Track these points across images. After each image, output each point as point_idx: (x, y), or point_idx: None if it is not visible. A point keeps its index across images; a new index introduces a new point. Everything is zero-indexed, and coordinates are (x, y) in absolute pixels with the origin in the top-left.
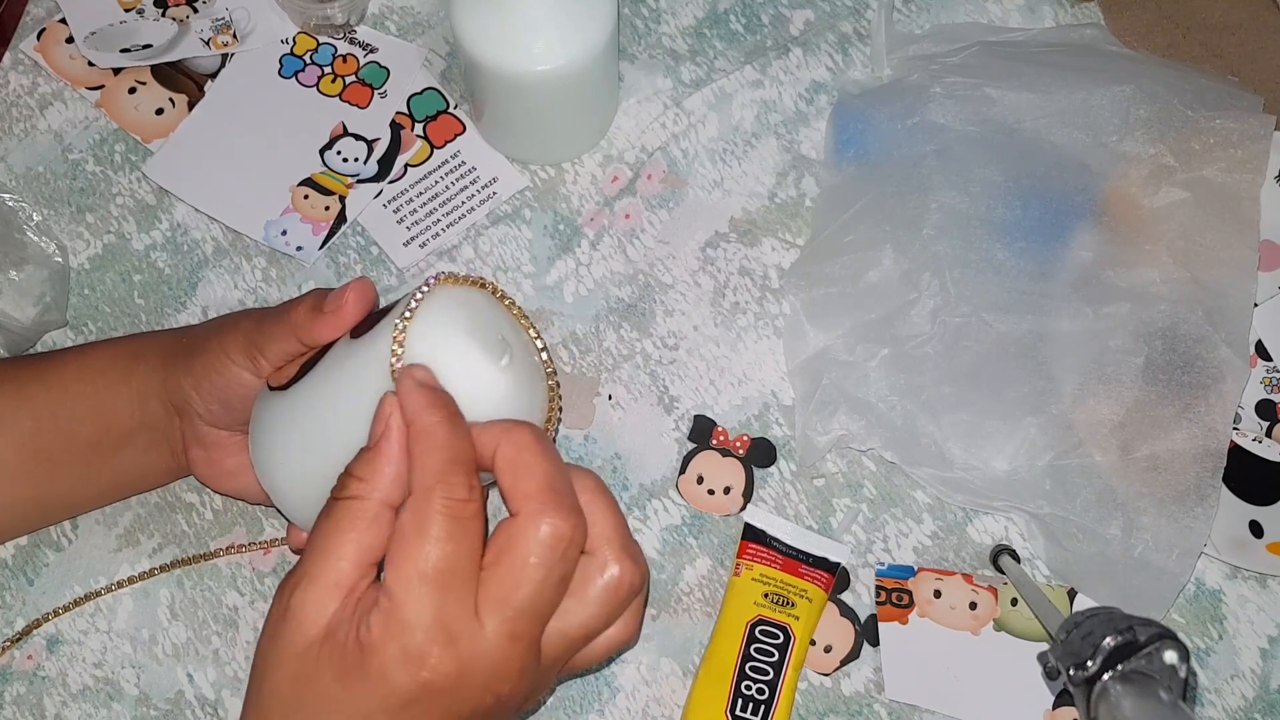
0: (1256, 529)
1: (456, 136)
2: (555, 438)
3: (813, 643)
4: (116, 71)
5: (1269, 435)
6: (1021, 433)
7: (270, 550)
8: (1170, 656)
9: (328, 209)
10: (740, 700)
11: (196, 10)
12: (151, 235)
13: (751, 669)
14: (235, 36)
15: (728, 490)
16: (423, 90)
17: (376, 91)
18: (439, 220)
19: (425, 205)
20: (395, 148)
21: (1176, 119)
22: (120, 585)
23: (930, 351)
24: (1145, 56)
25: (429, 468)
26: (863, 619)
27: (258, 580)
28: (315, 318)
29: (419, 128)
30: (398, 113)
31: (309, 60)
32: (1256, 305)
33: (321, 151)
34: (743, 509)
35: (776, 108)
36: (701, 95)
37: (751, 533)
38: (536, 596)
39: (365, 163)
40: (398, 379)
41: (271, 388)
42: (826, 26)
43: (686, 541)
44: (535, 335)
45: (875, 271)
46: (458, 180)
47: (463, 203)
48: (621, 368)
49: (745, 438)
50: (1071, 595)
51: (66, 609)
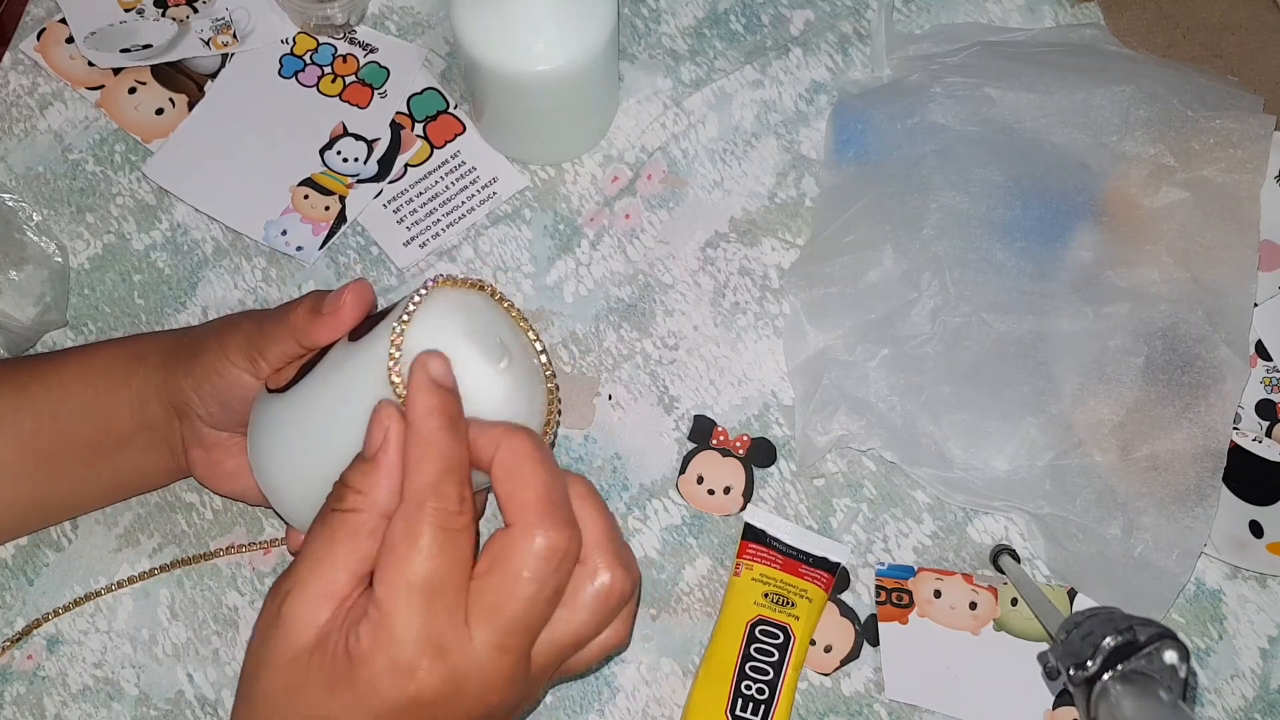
0: (1256, 529)
1: (456, 136)
2: (554, 441)
3: (813, 643)
4: (116, 71)
5: (1269, 435)
6: (1021, 433)
7: (270, 550)
8: (1170, 656)
9: (328, 209)
10: (740, 700)
11: (196, 10)
12: (151, 235)
13: (751, 669)
14: (235, 36)
15: (728, 490)
16: (423, 90)
17: (376, 91)
18: (439, 220)
19: (425, 205)
20: (395, 148)
21: (1176, 119)
22: (120, 585)
23: (930, 351)
24: (1145, 56)
25: (423, 477)
26: (863, 619)
27: (258, 580)
28: (313, 320)
29: (419, 128)
30: (398, 113)
31: (309, 60)
32: (1256, 305)
33: (321, 151)
34: (743, 509)
35: (776, 108)
36: (701, 95)
37: (751, 533)
38: (529, 609)
39: (365, 163)
40: (413, 368)
41: (270, 390)
42: (826, 26)
43: (686, 541)
44: (534, 338)
45: (875, 271)
46: (458, 180)
47: (463, 203)
48: (621, 368)
49: (745, 438)
50: (1071, 595)
51: (66, 609)
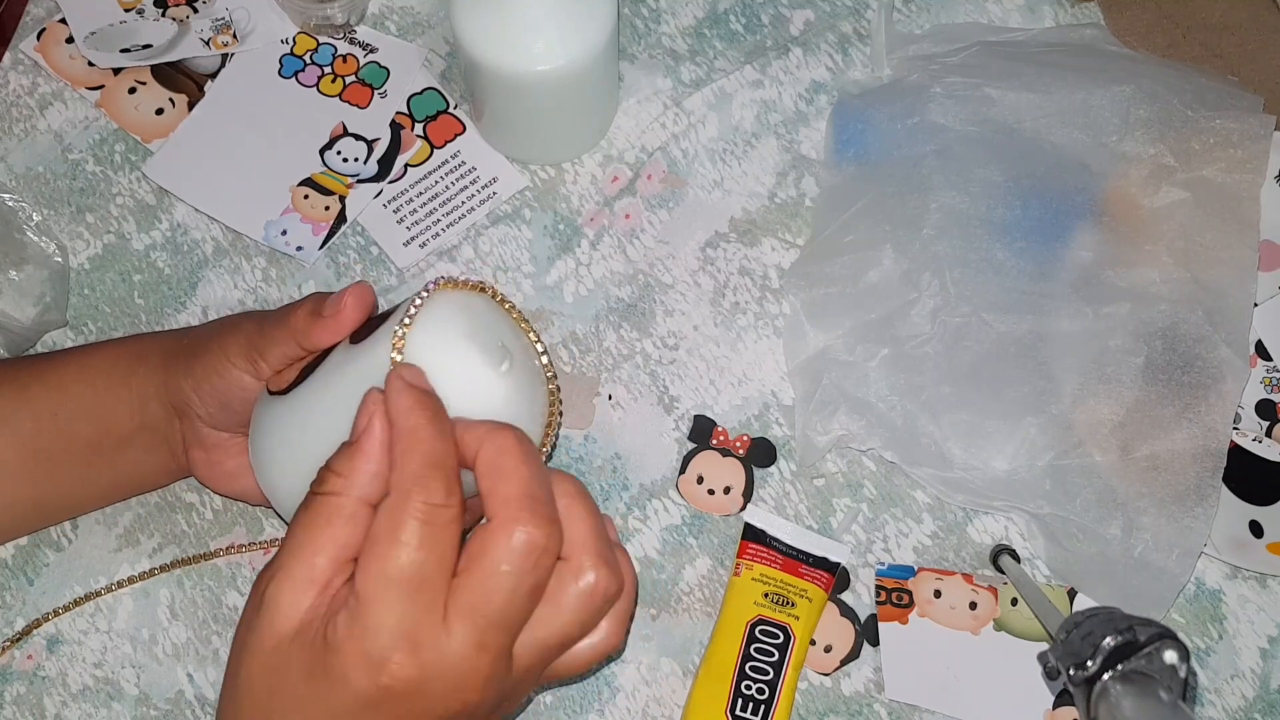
0: (1256, 529)
1: (456, 136)
2: (556, 443)
3: (813, 642)
4: (116, 71)
5: (1269, 435)
6: (1021, 433)
7: (270, 550)
8: (1170, 656)
9: (328, 209)
10: (740, 700)
11: (196, 10)
12: (151, 235)
13: (751, 669)
14: (235, 36)
15: (728, 490)
16: (423, 90)
17: (376, 91)
18: (439, 220)
19: (425, 205)
20: (395, 148)
21: (1176, 119)
22: (120, 585)
23: (930, 351)
24: (1145, 56)
25: (408, 469)
26: (863, 619)
27: None
28: (314, 322)
29: (419, 128)
30: (398, 113)
31: (309, 60)
32: (1256, 305)
33: (321, 151)
34: (743, 509)
35: (776, 108)
36: (701, 95)
37: (751, 532)
38: (507, 606)
39: (365, 163)
40: (387, 378)
41: (271, 392)
42: (826, 26)
43: (686, 541)
44: (535, 339)
45: (875, 271)
46: (458, 180)
47: (463, 203)
48: (621, 368)
49: (745, 438)
50: (1071, 595)
51: (66, 609)
